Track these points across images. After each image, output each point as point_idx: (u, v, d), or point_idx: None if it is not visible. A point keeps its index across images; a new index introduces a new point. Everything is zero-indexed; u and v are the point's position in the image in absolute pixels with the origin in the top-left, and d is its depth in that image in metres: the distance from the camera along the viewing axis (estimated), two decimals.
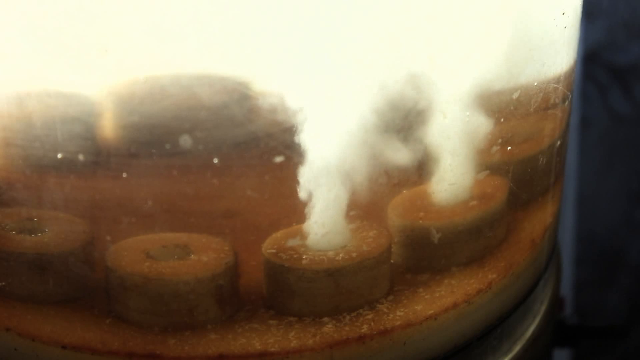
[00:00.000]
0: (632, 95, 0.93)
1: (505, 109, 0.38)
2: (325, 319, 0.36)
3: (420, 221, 0.38)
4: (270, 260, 0.36)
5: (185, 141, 0.33)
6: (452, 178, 0.38)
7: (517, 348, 0.44)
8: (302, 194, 0.35)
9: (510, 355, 0.43)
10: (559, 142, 0.44)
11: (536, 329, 0.45)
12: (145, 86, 0.33)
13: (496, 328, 0.41)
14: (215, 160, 0.34)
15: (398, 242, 0.38)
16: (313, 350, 0.35)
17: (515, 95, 0.38)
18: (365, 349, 0.36)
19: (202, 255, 0.35)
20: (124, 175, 0.34)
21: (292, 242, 0.36)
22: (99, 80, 0.33)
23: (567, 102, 0.45)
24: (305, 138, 0.34)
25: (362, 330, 0.36)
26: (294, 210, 0.36)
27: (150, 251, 0.36)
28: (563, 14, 0.40)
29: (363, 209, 0.36)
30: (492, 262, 0.40)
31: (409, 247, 0.38)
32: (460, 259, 0.39)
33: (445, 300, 0.38)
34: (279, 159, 0.34)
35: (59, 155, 0.33)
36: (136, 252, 0.35)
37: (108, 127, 0.34)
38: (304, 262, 0.35)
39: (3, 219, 0.36)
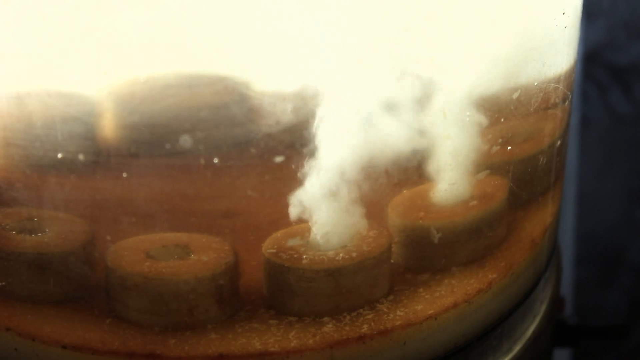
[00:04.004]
0: (632, 95, 0.93)
1: (505, 109, 0.38)
2: (326, 319, 0.36)
3: (420, 221, 0.38)
4: (270, 260, 0.36)
5: (185, 141, 0.33)
6: (452, 178, 0.38)
7: (517, 348, 0.44)
8: (302, 193, 0.35)
9: (510, 355, 0.43)
10: (559, 142, 0.44)
11: (536, 329, 0.45)
12: (145, 86, 0.33)
13: (496, 328, 0.41)
14: (215, 160, 0.34)
15: (398, 242, 0.38)
16: (313, 350, 0.35)
17: (515, 95, 0.38)
18: (366, 348, 0.36)
19: (202, 255, 0.35)
20: (124, 175, 0.34)
21: (292, 242, 0.36)
22: (99, 80, 0.33)
23: (567, 102, 0.45)
24: (305, 138, 0.34)
25: (362, 330, 0.36)
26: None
27: (150, 251, 0.36)
28: (563, 13, 0.40)
29: (363, 208, 0.36)
30: (492, 262, 0.40)
31: (409, 247, 0.38)
32: (460, 259, 0.39)
33: (445, 300, 0.38)
34: (279, 159, 0.34)
35: (59, 155, 0.33)
36: (136, 252, 0.35)
37: (108, 127, 0.34)
38: (304, 262, 0.35)
39: (3, 219, 0.36)
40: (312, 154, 0.34)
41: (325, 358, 0.35)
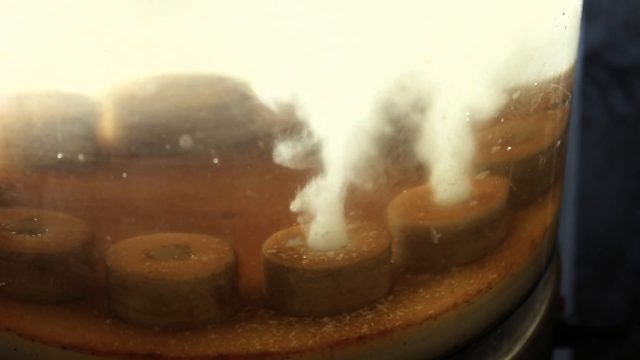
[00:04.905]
0: (632, 95, 0.93)
1: (505, 109, 0.38)
2: (326, 319, 0.36)
3: (420, 221, 0.38)
4: (270, 261, 0.36)
5: (186, 141, 0.33)
6: (452, 178, 0.38)
7: (517, 348, 0.44)
8: (302, 194, 0.35)
9: (510, 355, 0.43)
10: (559, 142, 0.44)
11: (536, 329, 0.45)
12: (145, 86, 0.33)
13: (496, 328, 0.41)
14: (215, 160, 0.34)
15: (398, 242, 0.38)
16: (313, 350, 0.35)
17: (515, 95, 0.38)
18: (365, 349, 0.36)
19: (202, 255, 0.35)
20: (124, 175, 0.34)
21: (292, 242, 0.36)
22: (99, 80, 0.33)
23: (567, 102, 0.45)
24: (305, 138, 0.34)
25: (362, 331, 0.36)
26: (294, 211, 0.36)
27: (150, 251, 0.36)
28: (563, 14, 0.40)
29: (363, 209, 0.36)
30: (492, 262, 0.40)
31: (409, 247, 0.38)
32: (460, 259, 0.39)
33: (445, 300, 0.38)
34: (279, 159, 0.34)
35: (59, 156, 0.33)
36: (136, 252, 0.35)
37: (108, 127, 0.34)
38: (304, 262, 0.35)
39: (3, 219, 0.36)
40: (312, 154, 0.34)
41: (325, 358, 0.35)
